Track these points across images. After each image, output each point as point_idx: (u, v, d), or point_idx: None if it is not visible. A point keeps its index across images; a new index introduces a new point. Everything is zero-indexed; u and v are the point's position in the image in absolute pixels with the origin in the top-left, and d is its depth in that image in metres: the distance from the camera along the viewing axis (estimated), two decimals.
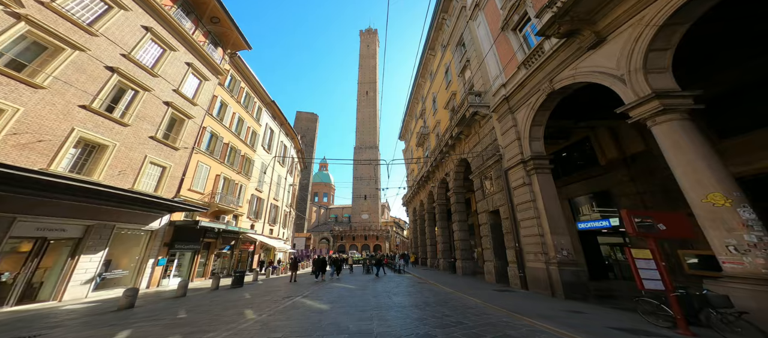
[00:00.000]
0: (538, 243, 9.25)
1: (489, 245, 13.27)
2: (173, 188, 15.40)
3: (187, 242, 15.90)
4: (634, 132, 11.05)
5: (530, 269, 9.75)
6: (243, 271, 14.86)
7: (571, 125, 12.43)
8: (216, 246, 19.30)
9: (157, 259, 13.77)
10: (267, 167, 29.28)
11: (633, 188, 10.88)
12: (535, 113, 10.30)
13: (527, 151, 10.33)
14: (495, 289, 10.61)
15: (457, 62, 20.10)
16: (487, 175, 13.74)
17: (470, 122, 15.51)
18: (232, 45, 23.21)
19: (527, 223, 9.89)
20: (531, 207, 9.68)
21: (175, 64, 17.02)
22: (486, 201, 13.83)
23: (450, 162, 19.94)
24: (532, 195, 9.78)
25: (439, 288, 12.41)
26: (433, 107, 27.59)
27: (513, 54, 12.59)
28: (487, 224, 13.60)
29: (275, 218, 31.50)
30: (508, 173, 11.58)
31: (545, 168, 9.91)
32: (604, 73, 7.42)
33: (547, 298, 8.39)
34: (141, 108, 13.85)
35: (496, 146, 13.08)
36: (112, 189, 9.99)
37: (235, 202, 21.78)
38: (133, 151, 12.99)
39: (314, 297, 10.59)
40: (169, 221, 14.71)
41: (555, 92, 9.44)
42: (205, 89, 19.51)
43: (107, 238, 11.45)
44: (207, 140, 19.50)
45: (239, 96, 24.60)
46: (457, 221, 18.05)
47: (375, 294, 11.07)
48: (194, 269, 16.89)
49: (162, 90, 15.55)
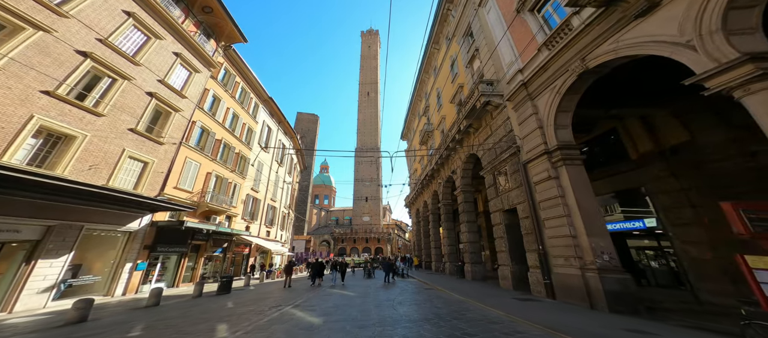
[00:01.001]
0: (570, 246, 7.85)
1: (504, 248, 11.87)
2: (156, 186, 14.11)
3: (172, 245, 14.58)
4: (675, 121, 9.67)
5: (559, 275, 8.34)
6: (230, 276, 13.51)
7: (601, 114, 11.03)
8: (206, 249, 17.97)
9: (135, 263, 12.44)
10: (256, 159, 28.00)
11: (675, 183, 9.45)
12: (561, 98, 8.94)
13: (552, 140, 8.95)
14: (515, 297, 9.20)
15: (464, 53, 18.82)
16: (501, 170, 12.37)
17: (481, 113, 14.17)
18: (227, 37, 22.02)
19: (554, 222, 8.50)
20: (559, 204, 8.29)
21: (161, 54, 15.82)
22: (500, 199, 12.45)
23: (457, 159, 18.58)
24: (560, 190, 8.38)
25: (449, 295, 11.01)
26: (437, 103, 26.29)
27: (531, 37, 11.33)
28: (501, 225, 12.21)
29: (273, 220, 30.18)
30: (527, 166, 10.21)
31: (576, 159, 8.52)
32: (662, 42, 6.07)
33: (584, 311, 6.99)
34: (119, 98, 12.61)
35: (511, 137, 11.72)
36: (77, 185, 8.70)
37: (228, 202, 20.48)
38: (108, 143, 11.71)
39: (307, 307, 9.22)
40: (150, 221, 13.40)
41: (589, 72, 8.09)
42: (195, 81, 18.29)
43: (73, 240, 10.13)
44: (197, 136, 18.24)
45: (234, 91, 23.39)
46: (466, 222, 16.64)
47: (377, 304, 9.70)
48: (180, 273, 15.55)
49: (145, 80, 14.32)
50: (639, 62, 7.64)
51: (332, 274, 16.88)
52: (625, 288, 6.81)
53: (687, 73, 5.65)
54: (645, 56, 6.67)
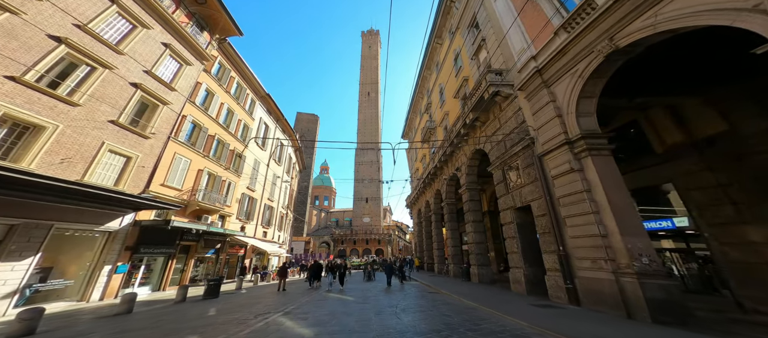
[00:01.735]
0: (599, 247, 6.86)
1: (516, 249, 10.87)
2: (141, 183, 13.16)
3: (158, 246, 13.60)
4: (710, 110, 8.67)
5: (585, 279, 7.33)
6: (219, 279, 12.53)
7: (623, 103, 10.04)
8: (196, 250, 16.99)
9: (115, 265, 11.46)
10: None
11: (711, 178, 8.43)
12: (584, 83, 7.98)
13: (575, 129, 7.97)
14: (533, 304, 8.20)
15: (470, 45, 17.92)
16: (512, 164, 11.39)
17: (489, 104, 13.22)
18: (221, 30, 21.13)
19: (578, 220, 7.51)
20: (584, 200, 7.31)
21: (148, 44, 14.91)
22: (510, 196, 11.46)
23: (461, 155, 17.61)
24: (585, 184, 7.40)
25: (457, 300, 10.02)
26: (440, 99, 25.35)
27: (546, 21, 10.44)
28: (512, 224, 11.22)
29: (270, 220, 29.21)
30: (543, 159, 9.23)
31: (603, 149, 7.54)
32: (716, 10, 5.11)
33: (621, 321, 5.99)
34: (99, 88, 11.68)
35: (524, 129, 10.76)
36: (41, 179, 7.74)
37: (221, 201, 19.53)
38: (84, 136, 10.77)
39: (298, 315, 8.24)
40: (133, 220, 12.44)
41: (618, 52, 7.12)
42: (186, 73, 17.37)
43: (40, 241, 9.15)
44: (188, 130, 17.31)
45: (229, 86, 22.47)
46: (471, 222, 15.64)
47: (378, 310, 8.72)
48: (167, 276, 14.57)
49: (130, 70, 13.41)
50: (670, 44, 6.72)
51: (330, 278, 15.36)
52: (671, 296, 5.80)
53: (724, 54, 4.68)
54: (673, 38, 5.74)
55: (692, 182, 8.88)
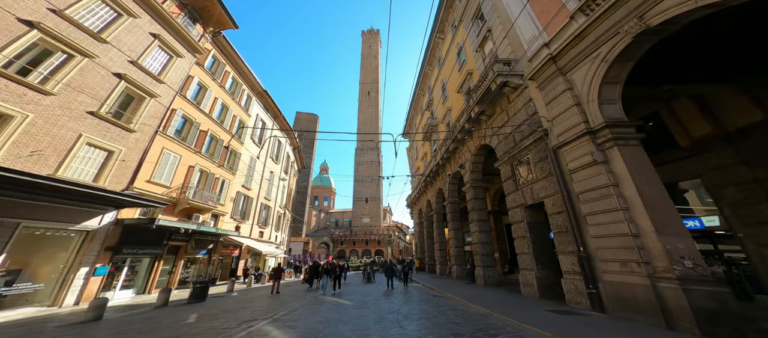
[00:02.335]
0: (629, 247, 6.03)
1: (526, 250, 10.04)
2: (124, 179, 12.33)
3: (143, 246, 12.75)
4: (744, 98, 7.86)
5: (613, 284, 6.48)
6: (206, 281, 11.70)
7: (646, 92, 9.20)
8: (186, 250, 16.15)
9: (93, 267, 10.62)
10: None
11: (747, 173, 7.61)
12: (608, 67, 7.16)
13: (597, 117, 7.15)
14: (550, 310, 7.36)
15: (474, 38, 17.12)
16: (522, 159, 10.58)
17: (496, 97, 12.43)
18: (216, 22, 20.33)
19: (603, 218, 6.68)
20: (610, 195, 6.48)
21: (134, 33, 14.12)
22: (520, 193, 10.64)
23: (465, 151, 16.79)
24: (610, 178, 6.57)
25: (464, 305, 9.19)
26: (442, 95, 24.55)
27: (560, 5, 9.71)
28: (522, 223, 10.39)
29: (267, 220, 28.37)
30: (559, 152, 8.41)
31: (631, 139, 6.71)
32: None
33: (660, 332, 5.15)
34: (77, 77, 10.86)
35: (536, 121, 9.95)
36: (6, 173, 6.89)
37: (214, 199, 18.70)
38: (58, 127, 9.94)
39: (287, 322, 7.39)
40: (115, 218, 11.60)
41: (648, 32, 6.30)
42: (176, 66, 16.57)
43: (5, 241, 8.30)
44: (178, 125, 16.49)
45: (223, 80, 21.66)
46: (476, 221, 14.81)
47: (378, 317, 7.89)
48: (153, 278, 13.72)
49: (112, 59, 12.60)
50: (703, 22, 5.92)
51: (324, 281, 13.81)
52: (723, 306, 4.95)
53: None
54: None
55: (725, 177, 8.05)
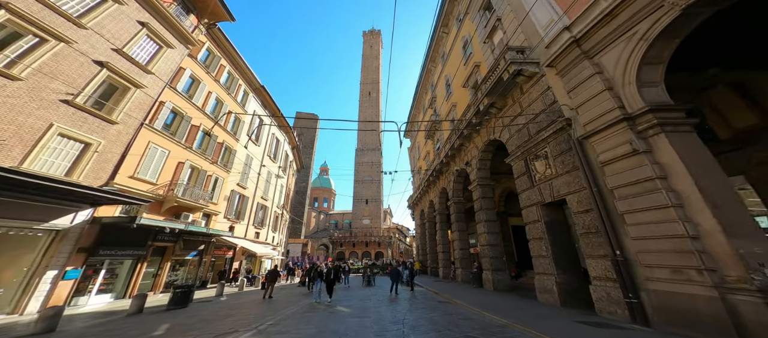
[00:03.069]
0: (686, 251, 5.02)
1: (544, 252, 9.01)
2: (103, 174, 11.37)
3: (124, 247, 11.76)
4: None
5: (661, 293, 5.44)
6: (189, 285, 10.70)
7: (683, 79, 8.20)
8: (174, 252, 15.14)
9: (63, 270, 9.61)
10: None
11: None
12: (648, 46, 6.18)
13: (636, 101, 6.16)
14: (580, 321, 6.33)
15: (481, 29, 16.20)
16: (539, 153, 9.58)
17: (508, 87, 11.46)
18: (211, 14, 19.48)
19: (647, 216, 5.67)
20: (657, 189, 5.47)
21: (120, 20, 13.23)
22: (536, 190, 9.63)
23: (472, 147, 15.80)
24: (656, 169, 5.55)
25: (476, 313, 8.17)
26: (446, 92, 23.61)
27: None
28: (539, 223, 9.37)
29: (263, 220, 27.36)
30: (585, 143, 7.42)
31: (681, 124, 5.72)
32: None
33: None
34: (49, 62, 9.95)
35: (555, 110, 8.98)
36: None
37: (206, 197, 17.72)
38: (25, 115, 9.00)
39: (273, 335, 6.39)
40: (91, 217, 10.62)
41: (701, 2, 5.32)
42: (166, 56, 15.67)
43: None
44: (167, 118, 15.53)
45: (218, 74, 20.75)
46: (484, 221, 13.79)
47: (380, 329, 6.88)
48: (135, 281, 12.69)
49: (93, 46, 11.70)
50: None
51: (318, 285, 11.77)
52: None
53: None
54: None
55: None
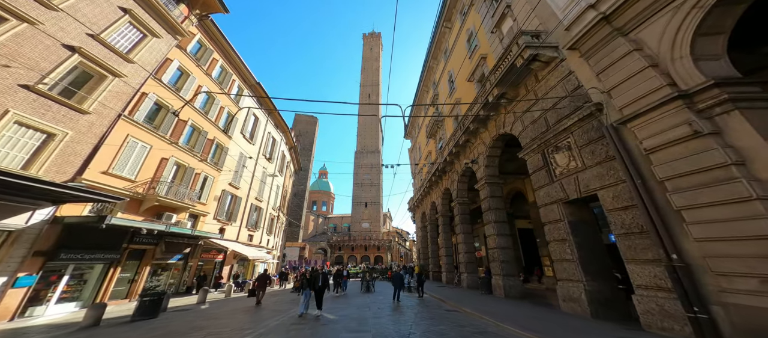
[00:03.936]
0: None
1: (569, 256, 7.81)
2: (70, 168, 10.21)
3: (92, 250, 10.53)
4: None
5: (744, 308, 4.18)
6: (161, 293, 9.47)
7: (743, 56, 7.02)
8: (154, 255, 13.89)
9: (13, 277, 8.39)
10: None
11: None
12: (706, 13, 5.07)
13: (692, 77, 5.05)
14: None
15: (488, 19, 15.24)
16: (560, 144, 8.44)
17: (522, 75, 10.36)
18: (203, 5, 18.51)
19: (718, 212, 4.49)
20: (732, 178, 4.31)
21: (98, 4, 12.22)
22: (557, 186, 8.47)
23: (479, 143, 14.66)
24: (731, 154, 4.40)
25: (493, 325, 6.96)
26: (449, 88, 22.59)
27: None
28: (562, 222, 8.19)
29: (257, 223, 26.14)
30: (622, 128, 6.27)
31: (759, 99, 4.59)
32: None
33: None
34: (9, 42, 8.87)
35: (580, 96, 7.86)
36: None
37: (193, 196, 16.53)
38: None
39: None
40: (51, 216, 9.43)
41: None
42: (151, 46, 14.61)
43: None
44: (149, 110, 14.39)
45: (210, 68, 19.68)
46: (493, 223, 12.60)
47: None
48: (107, 288, 11.43)
49: (64, 29, 10.64)
50: None
51: (306, 294, 9.70)
52: None
53: None
54: None
55: None
